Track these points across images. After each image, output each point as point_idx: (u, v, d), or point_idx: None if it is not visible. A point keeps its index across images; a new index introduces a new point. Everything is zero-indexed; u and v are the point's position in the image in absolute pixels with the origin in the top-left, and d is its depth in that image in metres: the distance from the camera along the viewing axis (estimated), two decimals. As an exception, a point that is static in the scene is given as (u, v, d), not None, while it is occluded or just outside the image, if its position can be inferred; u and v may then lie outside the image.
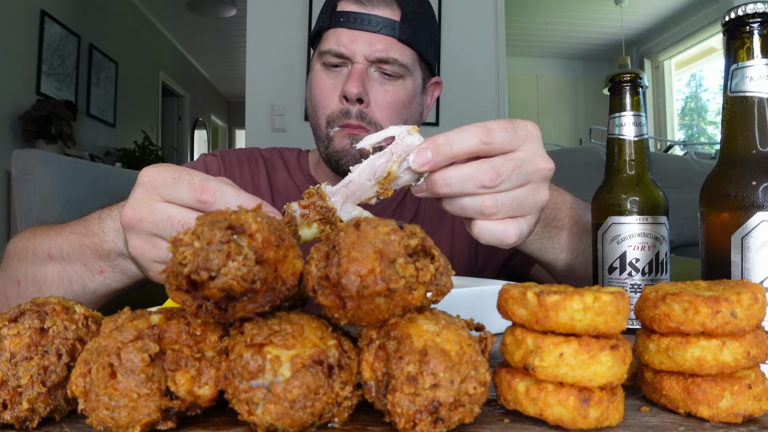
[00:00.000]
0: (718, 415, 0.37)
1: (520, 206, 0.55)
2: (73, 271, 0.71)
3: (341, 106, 0.96)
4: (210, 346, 0.37)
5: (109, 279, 0.70)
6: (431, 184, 0.52)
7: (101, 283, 0.70)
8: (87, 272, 0.71)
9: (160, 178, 0.53)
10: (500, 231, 0.55)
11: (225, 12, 5.63)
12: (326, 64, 0.98)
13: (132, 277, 0.70)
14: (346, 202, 0.53)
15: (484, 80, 3.28)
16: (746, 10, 0.50)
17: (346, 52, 0.95)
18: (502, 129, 0.53)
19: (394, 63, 0.96)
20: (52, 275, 0.73)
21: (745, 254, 0.48)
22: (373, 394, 0.37)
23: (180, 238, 0.33)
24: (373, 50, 0.94)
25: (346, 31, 0.96)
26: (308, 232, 0.52)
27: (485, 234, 0.55)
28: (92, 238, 0.70)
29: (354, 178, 0.53)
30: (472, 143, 0.52)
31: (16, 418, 0.36)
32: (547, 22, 6.38)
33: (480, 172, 0.51)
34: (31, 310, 0.39)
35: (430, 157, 0.51)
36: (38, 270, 0.74)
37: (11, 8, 3.78)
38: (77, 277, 0.71)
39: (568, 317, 0.35)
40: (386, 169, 0.52)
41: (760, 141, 0.50)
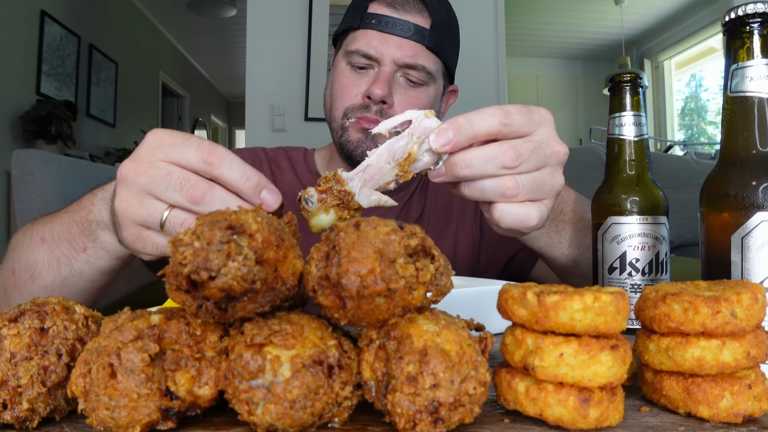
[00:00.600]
0: (718, 415, 0.37)
1: (540, 188, 0.54)
2: (60, 251, 0.70)
3: (362, 103, 0.97)
4: (210, 346, 0.37)
5: (92, 256, 0.68)
6: (451, 167, 0.52)
7: (85, 261, 0.69)
8: (72, 251, 0.69)
9: (167, 138, 0.52)
10: (522, 213, 0.54)
11: (225, 12, 5.63)
12: (352, 64, 0.99)
13: (112, 254, 0.67)
14: (364, 187, 0.52)
15: (484, 80, 3.28)
16: (746, 10, 0.50)
17: (375, 54, 0.96)
18: (519, 112, 0.53)
19: (421, 70, 0.97)
20: (42, 260, 0.72)
21: (745, 254, 0.48)
22: (373, 394, 0.37)
23: (180, 238, 0.33)
24: (403, 55, 0.95)
25: (377, 34, 0.96)
26: (325, 218, 0.51)
27: (506, 217, 0.54)
28: (80, 213, 0.69)
29: (372, 162, 0.52)
30: (492, 124, 0.51)
31: (16, 418, 0.37)
32: (547, 22, 6.38)
33: (501, 152, 0.51)
34: (31, 310, 0.39)
35: (451, 136, 0.50)
36: (30, 256, 0.73)
37: (11, 8, 3.78)
38: (64, 258, 0.70)
39: (568, 317, 0.35)
40: (406, 150, 0.51)
41: (760, 141, 0.50)
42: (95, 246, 0.67)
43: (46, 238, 0.72)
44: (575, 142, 7.45)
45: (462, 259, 1.07)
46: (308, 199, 0.51)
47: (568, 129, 7.56)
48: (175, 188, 0.50)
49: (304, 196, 0.51)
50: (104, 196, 0.66)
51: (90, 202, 0.68)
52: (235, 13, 5.57)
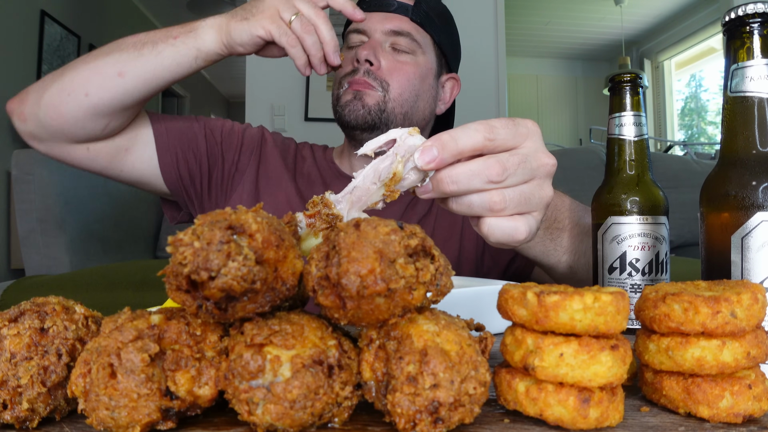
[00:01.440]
0: (718, 415, 0.37)
1: (528, 202, 0.55)
2: (149, 38, 0.88)
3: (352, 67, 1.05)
4: (210, 346, 0.37)
5: (179, 42, 0.86)
6: (437, 183, 0.52)
7: (171, 45, 0.86)
8: (163, 36, 0.87)
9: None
10: (510, 227, 0.54)
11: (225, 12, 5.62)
12: (348, 45, 1.10)
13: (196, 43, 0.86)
14: (352, 209, 0.52)
15: (484, 80, 3.28)
16: (746, 10, 0.50)
17: (362, 27, 1.07)
18: (503, 126, 0.53)
19: (407, 36, 1.06)
20: (126, 44, 0.88)
21: (745, 254, 0.48)
22: (373, 394, 0.37)
23: (180, 238, 0.33)
24: (388, 25, 1.06)
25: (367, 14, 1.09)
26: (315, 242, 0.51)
27: (495, 231, 0.54)
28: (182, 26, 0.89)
29: (358, 184, 0.52)
30: (477, 139, 0.52)
31: (16, 418, 0.37)
32: (547, 22, 6.38)
33: (486, 167, 0.51)
34: (31, 310, 0.39)
35: (435, 154, 0.50)
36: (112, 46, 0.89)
37: (11, 8, 3.78)
38: (150, 42, 0.87)
39: (568, 317, 0.35)
40: (391, 170, 0.51)
41: (760, 141, 0.50)
42: (188, 36, 0.87)
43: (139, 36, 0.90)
44: (575, 142, 7.45)
45: (467, 260, 1.07)
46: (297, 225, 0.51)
47: (568, 129, 7.56)
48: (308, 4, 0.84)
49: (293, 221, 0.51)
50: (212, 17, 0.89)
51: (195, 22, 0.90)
52: (235, 13, 5.57)
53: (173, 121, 1.02)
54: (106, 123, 0.91)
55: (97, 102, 0.87)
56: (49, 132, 0.91)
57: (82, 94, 0.87)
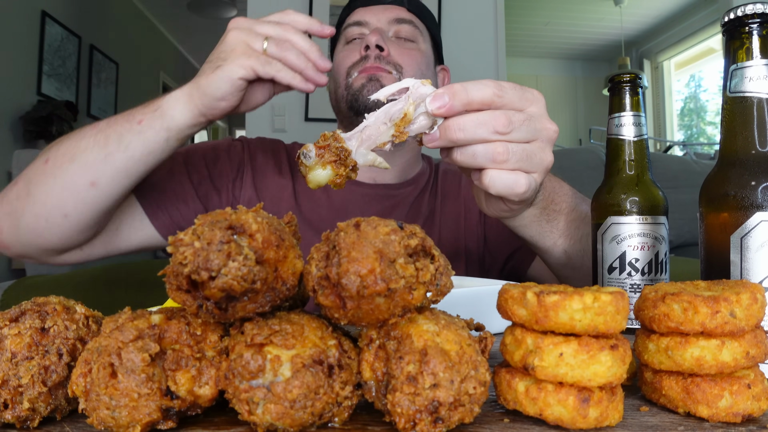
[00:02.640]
0: (717, 414, 0.37)
1: (530, 160, 0.57)
2: (111, 129, 0.78)
3: (360, 56, 1.04)
4: (210, 346, 0.37)
5: (145, 127, 0.76)
6: (445, 130, 0.54)
7: (137, 133, 0.76)
8: (126, 124, 0.77)
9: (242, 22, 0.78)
10: (511, 180, 0.57)
11: (225, 13, 5.63)
12: (347, 39, 1.09)
13: (165, 124, 0.76)
14: (360, 146, 0.54)
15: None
16: (745, 10, 0.50)
17: (363, 19, 1.08)
18: (512, 87, 0.56)
19: (409, 23, 1.08)
20: (87, 142, 0.78)
21: (745, 254, 0.48)
22: (373, 394, 0.37)
23: (180, 238, 0.34)
24: (389, 14, 1.08)
25: (362, 9, 1.11)
26: (322, 173, 0.53)
27: (496, 182, 0.56)
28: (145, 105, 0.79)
29: (369, 123, 0.55)
30: (486, 93, 0.54)
31: (17, 418, 0.37)
32: (547, 22, 6.38)
33: (493, 117, 0.54)
34: (31, 309, 0.40)
35: (446, 100, 0.53)
36: (73, 142, 0.80)
37: (12, 9, 3.79)
38: (114, 134, 0.77)
39: (568, 317, 0.36)
40: (402, 111, 0.53)
41: (760, 141, 0.50)
42: (153, 116, 0.76)
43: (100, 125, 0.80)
44: (575, 142, 7.45)
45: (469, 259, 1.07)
46: (306, 154, 0.53)
47: (568, 129, 7.55)
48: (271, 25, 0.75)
49: (303, 151, 0.53)
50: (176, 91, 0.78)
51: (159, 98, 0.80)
52: (235, 13, 5.57)
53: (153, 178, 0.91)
54: (95, 230, 0.84)
55: (79, 219, 0.80)
56: (38, 252, 0.85)
57: (60, 216, 0.79)
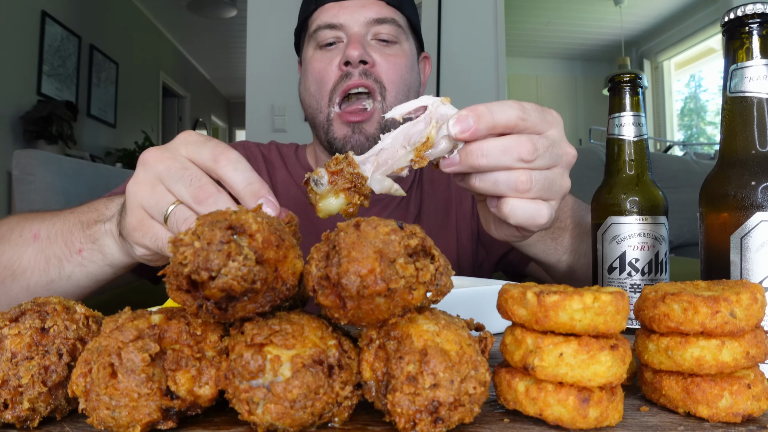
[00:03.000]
0: (717, 414, 0.37)
1: (550, 188, 0.54)
2: (52, 251, 0.68)
3: (341, 73, 0.92)
4: (210, 346, 0.37)
5: (85, 259, 0.66)
6: (467, 155, 0.51)
7: (77, 264, 0.67)
8: (66, 251, 0.67)
9: (192, 138, 0.55)
10: (533, 209, 0.53)
11: (225, 12, 5.63)
12: (320, 43, 0.96)
13: (107, 258, 0.65)
14: (376, 171, 0.50)
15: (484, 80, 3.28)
16: (745, 10, 0.50)
17: (338, 21, 0.93)
18: (534, 109, 0.53)
19: (391, 23, 0.95)
20: (29, 258, 0.69)
21: (745, 254, 0.48)
22: (373, 394, 0.37)
23: (180, 238, 0.34)
24: (368, 13, 0.94)
25: (333, 4, 0.95)
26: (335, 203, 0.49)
27: (517, 212, 0.53)
28: (91, 214, 0.68)
29: (386, 146, 0.50)
30: (512, 116, 0.51)
31: (17, 418, 0.37)
32: (547, 22, 6.38)
33: (519, 144, 0.51)
34: (32, 309, 0.40)
35: (471, 123, 0.50)
36: (15, 253, 0.71)
37: (12, 9, 3.79)
38: (55, 258, 0.68)
39: (568, 317, 0.36)
40: (425, 134, 0.49)
41: (760, 141, 0.50)
42: (92, 248, 0.66)
43: (40, 236, 0.70)
44: (575, 142, 7.45)
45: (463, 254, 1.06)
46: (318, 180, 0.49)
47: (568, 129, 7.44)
48: (185, 183, 0.51)
49: (314, 177, 0.49)
50: (122, 201, 0.64)
51: (105, 206, 0.68)
52: (235, 13, 5.57)
53: None
54: None
55: None
56: None
57: None
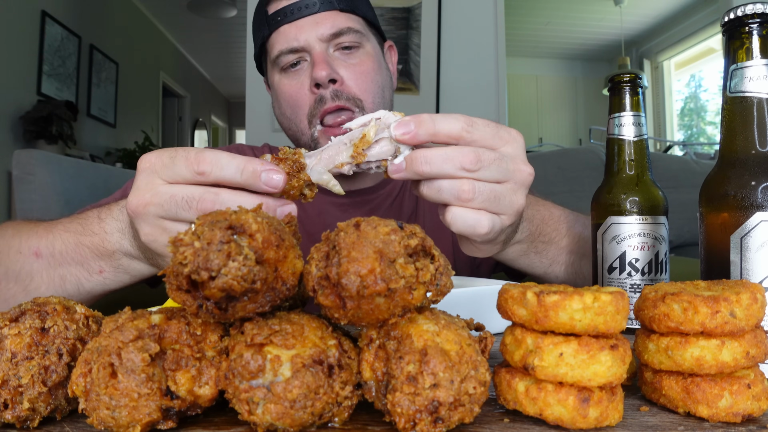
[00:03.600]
0: (717, 414, 0.37)
1: (497, 201, 0.54)
2: (66, 270, 0.69)
3: (314, 96, 0.92)
4: (210, 346, 0.37)
5: (108, 279, 0.69)
6: (411, 161, 0.52)
7: (99, 282, 0.69)
8: (84, 272, 0.69)
9: (158, 162, 0.53)
10: (473, 219, 0.54)
11: (225, 12, 5.63)
12: (284, 67, 0.95)
13: (135, 276, 0.68)
14: (318, 165, 0.54)
15: (484, 80, 3.28)
16: (745, 10, 0.50)
17: (298, 44, 0.93)
18: (485, 125, 0.54)
19: (348, 32, 0.94)
20: (40, 273, 0.70)
21: (745, 254, 0.48)
22: (373, 394, 0.37)
23: (180, 238, 0.34)
24: (324, 29, 0.92)
25: (289, 26, 0.93)
26: None
27: (457, 221, 0.54)
28: (91, 238, 0.68)
29: (332, 145, 0.55)
30: (455, 127, 0.52)
31: (17, 418, 0.37)
32: (547, 22, 6.38)
33: (461, 154, 0.52)
34: (31, 309, 0.40)
35: (412, 128, 0.51)
36: (23, 267, 0.71)
37: (12, 9, 3.79)
38: (72, 276, 0.69)
39: (568, 317, 0.36)
40: (362, 132, 0.53)
41: (760, 141, 0.50)
42: (116, 270, 0.68)
43: (42, 253, 0.70)
44: (575, 142, 7.45)
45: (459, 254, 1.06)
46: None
47: (567, 129, 7.56)
48: (183, 208, 0.51)
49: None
50: (119, 227, 0.65)
51: (102, 230, 0.67)
52: (235, 13, 5.57)
53: None
54: None
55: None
56: None
57: None
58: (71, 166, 1.49)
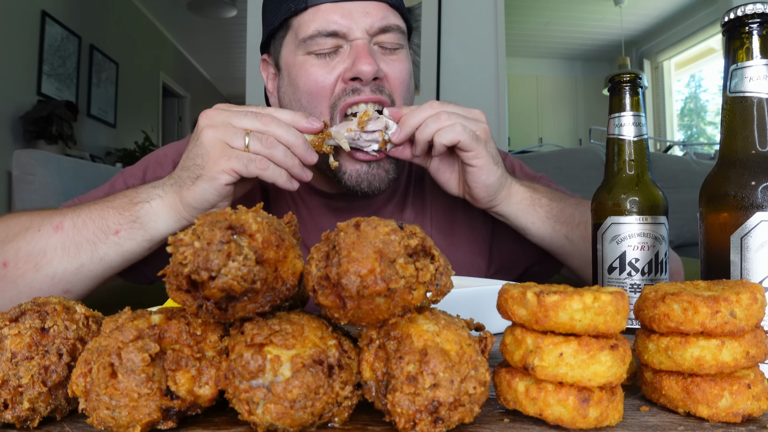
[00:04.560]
0: (717, 414, 0.37)
1: (468, 121, 0.77)
2: (82, 237, 0.71)
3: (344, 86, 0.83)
4: (210, 346, 0.37)
5: (123, 238, 0.72)
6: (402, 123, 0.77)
7: (113, 244, 0.72)
8: (100, 234, 0.71)
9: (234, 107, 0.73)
10: (451, 130, 0.74)
11: (225, 12, 5.63)
12: (316, 52, 0.83)
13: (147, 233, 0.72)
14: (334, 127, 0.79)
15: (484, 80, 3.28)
16: (745, 10, 0.50)
17: (341, 29, 0.82)
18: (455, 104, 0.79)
19: (395, 30, 0.86)
20: (54, 247, 0.71)
21: (745, 254, 0.48)
22: (373, 394, 0.37)
23: (180, 238, 0.34)
24: (374, 20, 0.83)
25: (333, 6, 0.82)
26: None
27: (441, 136, 0.75)
28: (121, 200, 0.73)
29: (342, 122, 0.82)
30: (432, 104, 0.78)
31: (17, 418, 0.37)
32: (547, 22, 6.38)
33: (428, 103, 0.78)
34: (32, 309, 0.40)
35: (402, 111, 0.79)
36: (37, 244, 0.72)
37: (12, 9, 3.79)
38: (87, 243, 0.71)
39: (568, 317, 0.36)
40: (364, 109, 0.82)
41: (760, 141, 0.50)
42: (132, 227, 0.72)
43: (64, 226, 0.72)
44: (575, 142, 7.45)
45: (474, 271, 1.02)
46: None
47: (568, 129, 7.56)
48: (250, 117, 0.70)
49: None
50: (155, 185, 0.74)
51: (134, 192, 0.74)
52: (235, 13, 5.57)
53: None
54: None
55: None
56: None
57: None
58: (71, 166, 1.49)
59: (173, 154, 0.96)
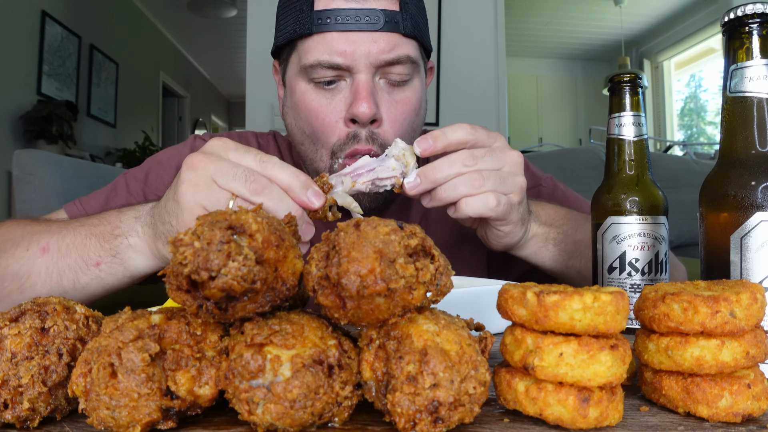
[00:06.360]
0: (717, 414, 0.37)
1: (502, 181, 0.67)
2: (65, 264, 0.69)
3: (348, 130, 0.80)
4: (210, 346, 0.37)
5: (104, 272, 0.68)
6: (424, 174, 0.65)
7: (94, 276, 0.68)
8: (82, 264, 0.68)
9: (232, 144, 0.60)
10: (482, 199, 0.66)
11: (225, 12, 5.63)
12: (316, 81, 0.80)
13: (128, 269, 0.68)
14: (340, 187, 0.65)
15: (484, 80, 3.28)
16: (745, 10, 0.50)
17: (344, 62, 0.77)
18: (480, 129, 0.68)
19: (405, 62, 0.80)
20: (39, 270, 0.70)
21: (745, 254, 0.48)
22: (373, 394, 0.37)
23: (180, 238, 0.34)
24: (379, 52, 0.77)
25: (339, 35, 0.76)
26: None
27: (470, 205, 0.66)
28: (104, 227, 0.69)
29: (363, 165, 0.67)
30: (462, 134, 0.66)
31: (17, 418, 0.37)
32: (547, 22, 6.38)
33: (459, 155, 0.66)
34: (32, 309, 0.40)
35: (430, 142, 0.65)
36: (23, 265, 0.70)
37: (12, 9, 3.79)
38: (69, 270, 0.69)
39: (568, 317, 0.36)
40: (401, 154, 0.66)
41: (760, 141, 0.50)
42: (113, 261, 0.68)
43: (50, 248, 0.70)
44: (575, 142, 7.45)
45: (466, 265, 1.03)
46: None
47: (567, 129, 7.56)
48: (239, 180, 0.57)
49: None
50: (137, 215, 0.68)
51: (117, 219, 0.69)
52: (235, 13, 5.57)
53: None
54: None
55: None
56: None
57: None
58: (71, 166, 1.49)
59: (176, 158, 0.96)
